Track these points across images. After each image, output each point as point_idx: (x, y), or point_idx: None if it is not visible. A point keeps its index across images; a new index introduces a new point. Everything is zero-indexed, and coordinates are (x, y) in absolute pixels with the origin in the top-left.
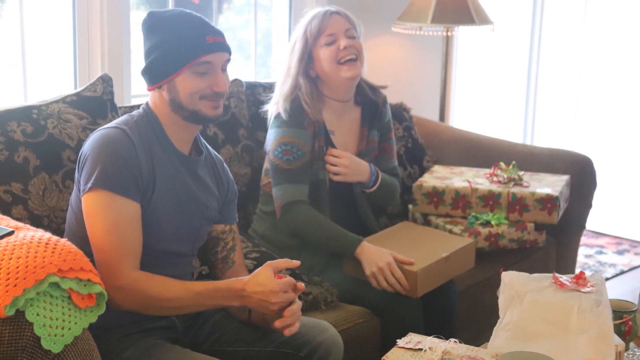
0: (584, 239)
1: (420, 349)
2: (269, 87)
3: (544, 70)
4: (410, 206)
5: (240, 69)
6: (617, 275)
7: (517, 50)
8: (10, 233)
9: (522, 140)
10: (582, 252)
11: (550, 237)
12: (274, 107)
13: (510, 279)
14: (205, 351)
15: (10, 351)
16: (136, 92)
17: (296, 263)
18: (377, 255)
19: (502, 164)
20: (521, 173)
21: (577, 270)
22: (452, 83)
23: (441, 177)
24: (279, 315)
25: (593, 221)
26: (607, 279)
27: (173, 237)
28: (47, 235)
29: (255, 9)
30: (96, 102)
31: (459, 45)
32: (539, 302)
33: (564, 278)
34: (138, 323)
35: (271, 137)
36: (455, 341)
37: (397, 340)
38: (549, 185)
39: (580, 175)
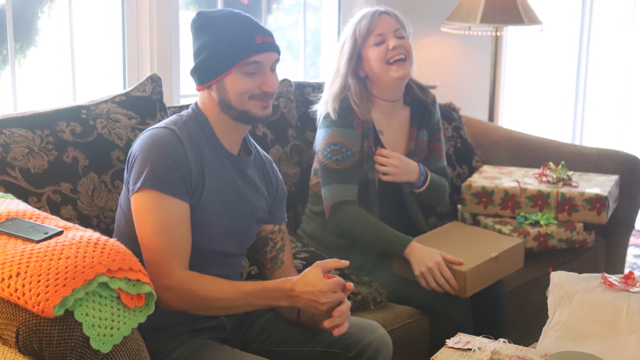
0: (633, 239)
1: (469, 349)
2: (318, 87)
3: (592, 70)
4: (459, 206)
5: (290, 69)
6: None
7: (566, 50)
8: (60, 233)
9: (571, 140)
10: (631, 252)
11: (599, 237)
12: (323, 107)
13: (559, 278)
14: (254, 351)
15: (59, 351)
16: (185, 92)
17: (345, 263)
18: (426, 255)
19: (551, 164)
20: (570, 173)
21: (626, 270)
22: (501, 83)
23: (490, 177)
24: (328, 315)
25: None
26: None
27: (222, 237)
28: (96, 235)
29: (304, 9)
30: (145, 102)
31: (508, 45)
32: (588, 302)
33: (613, 278)
34: (187, 323)
35: (320, 137)
36: (504, 341)
37: (446, 340)
38: (598, 185)
39: (630, 175)
